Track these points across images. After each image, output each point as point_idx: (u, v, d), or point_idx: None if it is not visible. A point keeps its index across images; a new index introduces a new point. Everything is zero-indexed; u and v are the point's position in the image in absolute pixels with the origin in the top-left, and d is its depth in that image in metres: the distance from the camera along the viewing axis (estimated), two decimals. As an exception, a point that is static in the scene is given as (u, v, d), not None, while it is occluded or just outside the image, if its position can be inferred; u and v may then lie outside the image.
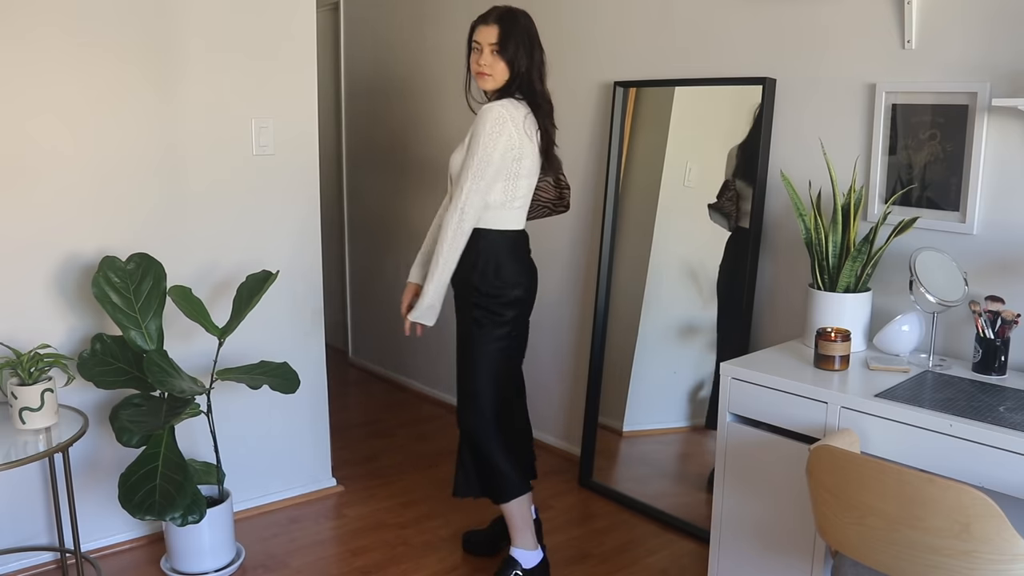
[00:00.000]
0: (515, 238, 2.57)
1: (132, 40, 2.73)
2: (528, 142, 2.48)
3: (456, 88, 4.07)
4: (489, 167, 2.42)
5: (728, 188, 2.97)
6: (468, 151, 2.45)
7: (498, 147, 2.41)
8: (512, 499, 2.64)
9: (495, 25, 2.47)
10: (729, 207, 2.95)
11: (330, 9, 4.95)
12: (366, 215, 4.89)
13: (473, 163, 2.42)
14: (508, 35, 2.46)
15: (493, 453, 2.62)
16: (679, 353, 3.16)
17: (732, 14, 2.93)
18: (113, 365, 2.64)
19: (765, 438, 2.34)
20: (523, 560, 2.67)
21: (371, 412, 4.32)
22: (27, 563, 2.78)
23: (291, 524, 3.13)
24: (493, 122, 2.41)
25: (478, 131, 2.43)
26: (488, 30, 2.48)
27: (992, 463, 1.90)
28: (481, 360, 2.57)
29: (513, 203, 2.52)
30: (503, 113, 2.43)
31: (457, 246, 2.46)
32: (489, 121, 2.42)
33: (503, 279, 2.53)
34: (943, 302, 2.30)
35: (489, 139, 2.41)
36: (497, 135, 2.41)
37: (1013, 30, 2.28)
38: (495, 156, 2.42)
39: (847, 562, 1.96)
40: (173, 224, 2.90)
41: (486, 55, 2.48)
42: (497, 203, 2.49)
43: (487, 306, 2.54)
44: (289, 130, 3.10)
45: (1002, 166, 2.35)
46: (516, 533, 2.67)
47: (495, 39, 2.46)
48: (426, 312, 2.52)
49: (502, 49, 2.46)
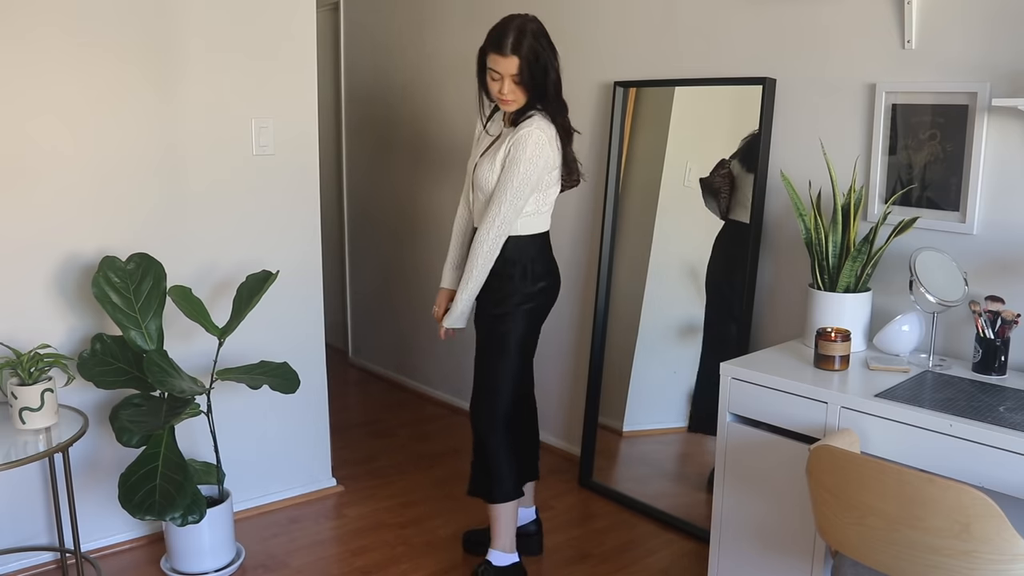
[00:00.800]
0: (542, 239, 2.63)
1: (132, 40, 2.73)
2: (558, 155, 2.54)
3: (457, 87, 4.07)
4: (527, 188, 2.48)
5: (723, 166, 2.96)
6: (508, 170, 2.47)
7: (538, 169, 2.48)
8: (502, 500, 2.65)
9: (513, 56, 2.41)
10: (719, 183, 2.95)
11: (330, 9, 4.95)
12: (366, 215, 4.89)
13: (513, 184, 2.46)
14: (527, 62, 2.42)
15: (498, 452, 2.63)
16: (679, 353, 3.16)
17: (732, 14, 2.93)
18: (113, 365, 2.64)
19: (765, 438, 2.34)
20: (496, 559, 2.69)
21: (371, 412, 4.32)
22: (27, 563, 2.78)
23: (291, 524, 3.13)
24: (535, 147, 2.45)
25: (519, 156, 2.45)
26: (507, 62, 2.41)
27: (992, 463, 1.90)
28: (502, 356, 2.61)
29: (543, 209, 2.59)
30: (542, 138, 2.47)
31: (492, 258, 2.53)
32: (530, 146, 2.45)
33: (528, 277, 2.58)
34: (943, 302, 2.30)
35: (531, 164, 2.46)
36: (538, 158, 2.47)
37: (1013, 30, 2.28)
38: (534, 177, 2.48)
39: (847, 562, 1.96)
40: (173, 224, 2.90)
41: (507, 85, 2.45)
42: (529, 212, 2.56)
43: (509, 302, 2.58)
44: (289, 130, 3.10)
45: (1002, 166, 2.35)
46: (496, 536, 2.69)
47: (515, 71, 2.42)
48: (459, 318, 2.61)
49: (522, 79, 2.44)
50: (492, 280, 2.58)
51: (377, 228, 4.79)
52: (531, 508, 2.92)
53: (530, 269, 2.58)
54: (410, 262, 4.52)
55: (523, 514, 2.90)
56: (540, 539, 2.93)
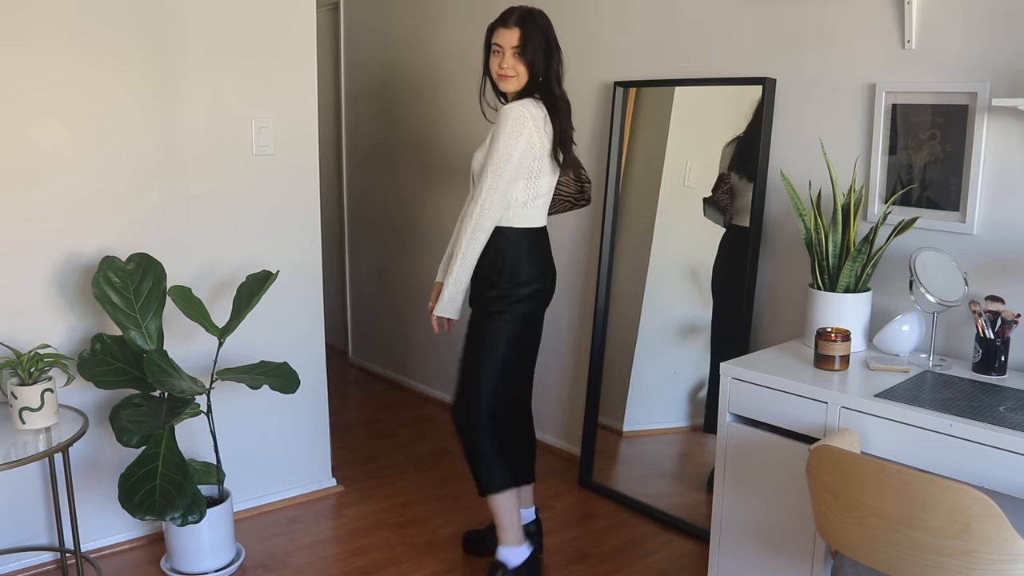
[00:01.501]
0: (535, 235, 2.60)
1: (132, 41, 2.73)
2: (547, 141, 2.52)
3: (457, 87, 4.07)
4: (508, 165, 2.45)
5: (724, 181, 2.97)
6: (489, 149, 2.49)
7: (518, 146, 2.45)
8: (495, 491, 2.62)
9: (516, 28, 2.48)
10: (724, 200, 2.95)
11: (330, 9, 4.95)
12: (366, 215, 4.89)
13: (493, 161, 2.46)
14: (529, 37, 2.48)
15: (483, 444, 2.61)
16: (679, 353, 3.16)
17: (732, 14, 2.93)
18: (113, 365, 2.64)
19: (765, 438, 2.34)
20: (508, 559, 2.67)
21: (371, 412, 4.32)
22: (27, 563, 2.78)
23: (291, 524, 3.14)
24: (514, 121, 2.45)
25: (499, 131, 2.47)
26: (509, 33, 2.49)
27: (992, 463, 1.90)
28: (487, 354, 2.59)
29: (535, 201, 2.57)
30: (524, 113, 2.46)
31: (476, 241, 2.50)
32: (510, 121, 2.45)
33: (520, 276, 2.56)
34: (943, 302, 2.30)
35: (510, 138, 2.45)
36: (518, 134, 2.45)
37: (1013, 30, 2.28)
38: (515, 154, 2.45)
39: (847, 562, 1.96)
40: (173, 224, 2.90)
41: (508, 58, 2.50)
42: (519, 201, 2.53)
43: (501, 302, 2.56)
44: (289, 130, 3.10)
45: (1002, 166, 2.35)
46: (501, 531, 2.67)
47: (516, 42, 2.48)
48: (447, 306, 2.57)
49: (524, 51, 2.48)
50: (482, 276, 2.56)
51: (377, 228, 4.79)
52: (531, 508, 2.92)
53: (519, 270, 2.55)
54: (410, 262, 4.52)
55: (523, 514, 2.89)
56: (540, 539, 2.92)
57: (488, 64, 2.57)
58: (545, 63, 2.51)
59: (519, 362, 2.68)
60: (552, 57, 2.53)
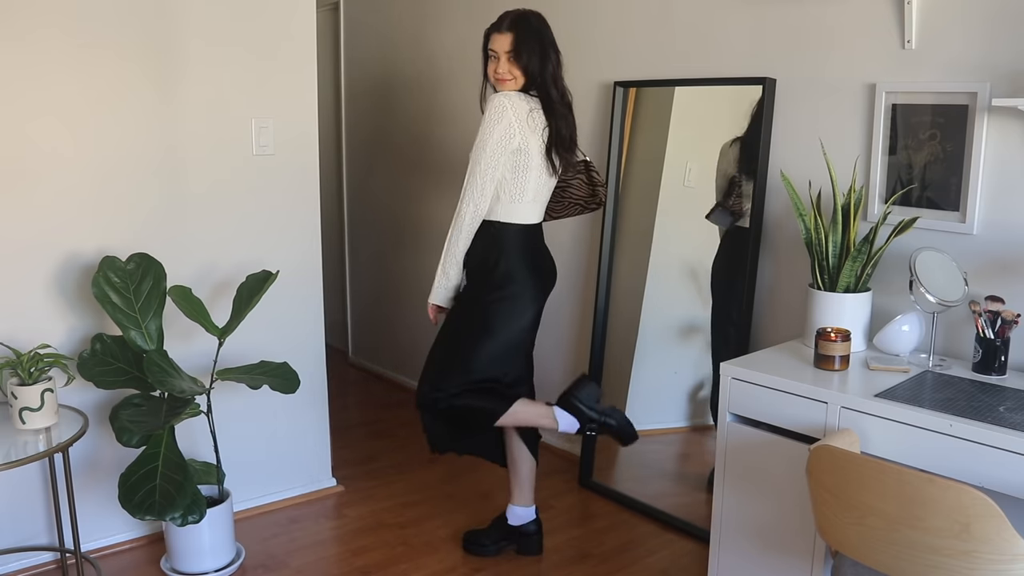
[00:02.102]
0: (525, 231, 2.62)
1: (132, 41, 2.73)
2: (533, 136, 2.54)
3: (457, 87, 4.07)
4: (484, 151, 2.51)
5: (735, 185, 2.95)
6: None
7: (494, 134, 2.50)
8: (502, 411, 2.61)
9: (509, 32, 2.53)
10: (737, 205, 2.94)
11: (330, 9, 4.95)
12: (366, 215, 4.89)
13: (475, 147, 2.54)
14: (522, 41, 2.52)
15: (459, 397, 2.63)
16: (679, 353, 3.16)
17: (732, 14, 2.93)
18: (113, 365, 2.64)
19: (765, 438, 2.34)
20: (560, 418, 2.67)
21: (371, 412, 4.32)
22: (27, 563, 2.78)
23: (291, 524, 3.13)
24: (492, 110, 2.52)
25: (482, 120, 2.54)
26: (502, 38, 2.54)
27: (992, 463, 1.90)
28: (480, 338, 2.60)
29: (523, 196, 2.58)
30: (504, 102, 2.51)
31: (459, 227, 2.56)
32: (489, 109, 2.53)
33: (503, 271, 2.58)
34: (943, 302, 2.30)
35: (486, 126, 2.52)
36: (495, 122, 2.50)
37: (1013, 30, 2.28)
38: (490, 142, 2.51)
39: (847, 562, 1.96)
40: (173, 224, 2.90)
41: (503, 63, 2.54)
42: (507, 196, 2.56)
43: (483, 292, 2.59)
44: (289, 130, 3.10)
45: (1002, 166, 2.35)
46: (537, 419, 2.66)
47: (510, 46, 2.52)
48: (435, 293, 2.64)
49: (516, 55, 2.52)
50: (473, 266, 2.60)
51: (377, 228, 4.79)
52: (531, 508, 2.92)
53: (502, 260, 2.57)
54: (410, 262, 4.52)
55: (523, 514, 2.90)
56: (540, 539, 2.92)
57: (487, 71, 2.61)
58: (540, 65, 2.54)
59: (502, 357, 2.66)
60: (548, 58, 2.55)
